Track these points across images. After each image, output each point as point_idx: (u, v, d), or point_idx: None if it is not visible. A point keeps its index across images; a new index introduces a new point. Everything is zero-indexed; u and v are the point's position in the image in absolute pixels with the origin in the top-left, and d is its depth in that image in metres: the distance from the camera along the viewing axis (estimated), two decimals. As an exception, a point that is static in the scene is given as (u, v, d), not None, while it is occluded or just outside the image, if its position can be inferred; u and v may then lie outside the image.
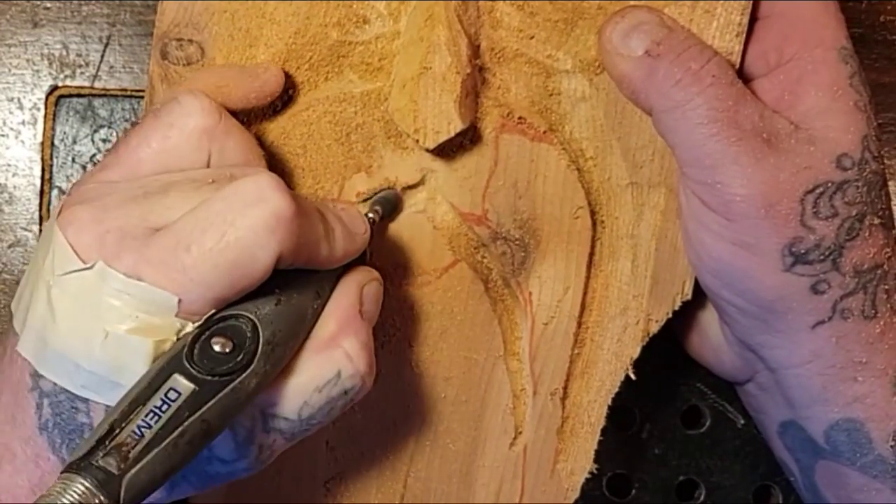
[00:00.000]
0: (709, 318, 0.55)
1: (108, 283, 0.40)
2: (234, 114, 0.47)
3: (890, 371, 0.49)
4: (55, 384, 0.42)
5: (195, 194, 0.42)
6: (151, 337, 0.40)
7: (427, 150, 0.50)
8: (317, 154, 0.51)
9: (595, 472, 0.54)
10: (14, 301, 0.45)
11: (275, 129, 0.51)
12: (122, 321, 0.40)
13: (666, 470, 0.61)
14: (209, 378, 0.40)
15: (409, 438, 0.54)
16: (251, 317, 0.41)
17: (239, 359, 0.40)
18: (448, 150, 0.51)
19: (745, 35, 0.50)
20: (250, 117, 0.50)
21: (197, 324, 0.41)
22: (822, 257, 0.48)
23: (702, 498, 0.61)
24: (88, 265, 0.41)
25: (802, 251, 0.48)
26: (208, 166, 0.45)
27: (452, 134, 0.49)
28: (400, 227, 0.52)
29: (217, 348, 0.40)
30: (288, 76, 0.50)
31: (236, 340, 0.41)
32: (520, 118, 0.51)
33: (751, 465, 0.61)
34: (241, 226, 0.40)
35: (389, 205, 0.51)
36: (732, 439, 0.61)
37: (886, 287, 0.49)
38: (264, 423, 0.43)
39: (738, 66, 0.50)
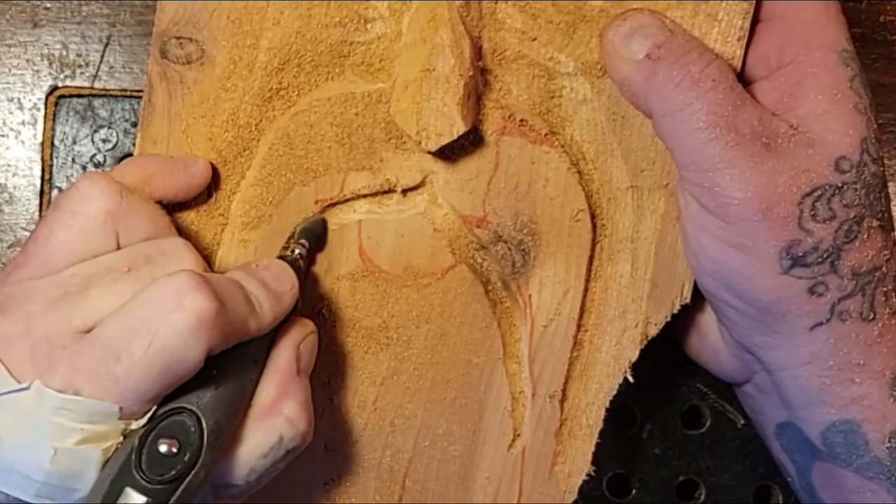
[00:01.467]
0: (708, 320, 0.55)
1: (47, 402, 0.41)
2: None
3: (887, 373, 0.49)
4: (7, 494, 0.42)
5: (115, 288, 0.43)
6: (99, 444, 0.41)
7: (428, 152, 0.50)
8: (318, 155, 0.51)
9: (595, 472, 0.54)
10: None
11: (276, 130, 0.51)
12: (68, 435, 0.41)
13: (666, 470, 0.61)
14: (160, 486, 0.40)
15: (408, 440, 0.53)
16: (193, 409, 0.42)
17: (186, 458, 0.41)
18: (449, 152, 0.51)
19: (746, 39, 0.50)
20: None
21: (141, 421, 0.42)
22: (819, 260, 0.48)
23: (702, 498, 0.61)
24: (25, 385, 0.41)
25: (800, 254, 0.48)
26: (119, 246, 0.45)
27: (455, 136, 0.49)
28: (400, 229, 0.52)
29: (163, 449, 0.41)
30: (214, 170, 0.50)
31: (181, 438, 0.41)
32: (521, 120, 0.51)
33: (751, 465, 0.61)
34: (165, 333, 0.41)
35: (313, 235, 0.51)
36: (732, 439, 0.61)
37: (885, 289, 0.49)
38: (215, 492, 0.44)
39: (739, 69, 0.50)
